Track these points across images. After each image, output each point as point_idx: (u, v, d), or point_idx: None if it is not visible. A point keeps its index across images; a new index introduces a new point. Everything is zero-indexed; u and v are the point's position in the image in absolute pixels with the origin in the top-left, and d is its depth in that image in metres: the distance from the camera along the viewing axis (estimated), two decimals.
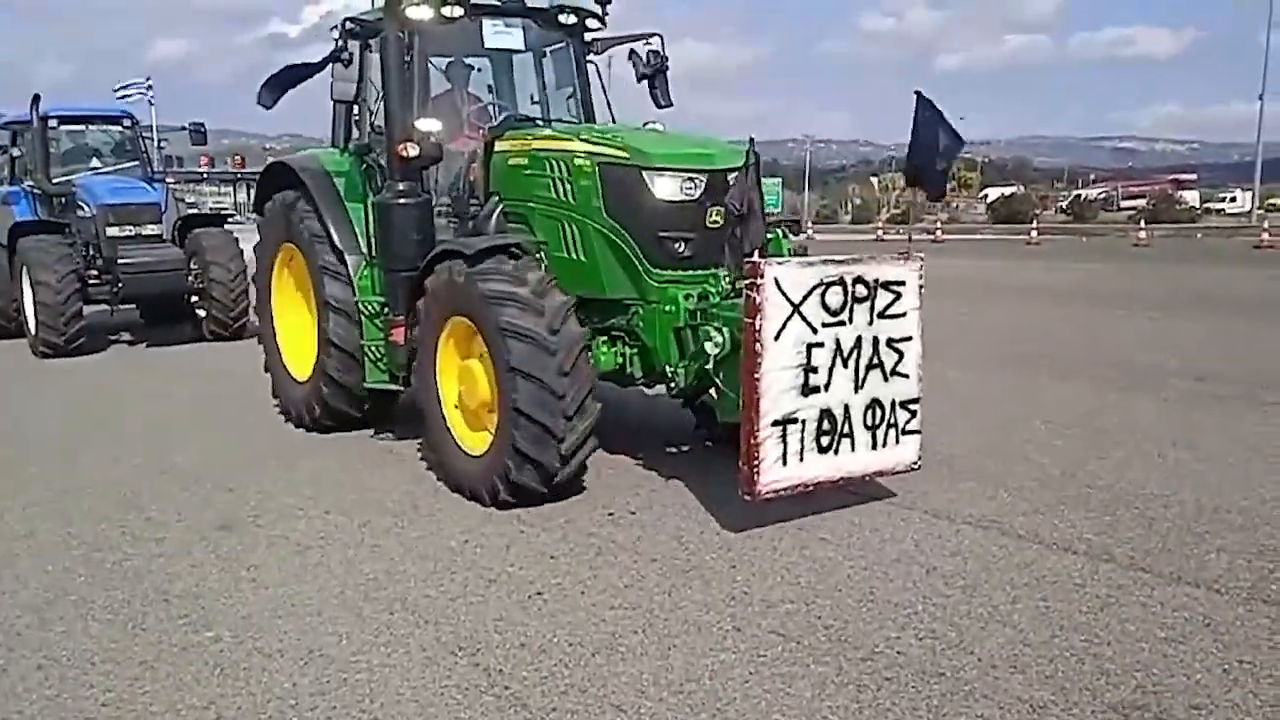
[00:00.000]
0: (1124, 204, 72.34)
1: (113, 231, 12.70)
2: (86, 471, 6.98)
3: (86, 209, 12.92)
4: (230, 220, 14.71)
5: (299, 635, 4.28)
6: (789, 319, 4.98)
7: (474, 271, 5.79)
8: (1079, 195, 75.82)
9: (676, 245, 5.93)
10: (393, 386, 7.20)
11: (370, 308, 7.19)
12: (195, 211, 15.63)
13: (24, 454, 7.54)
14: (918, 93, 5.56)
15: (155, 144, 17.99)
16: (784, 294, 4.96)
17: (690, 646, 4.09)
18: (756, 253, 5.33)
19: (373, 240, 7.11)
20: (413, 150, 6.40)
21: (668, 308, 5.92)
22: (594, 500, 6.00)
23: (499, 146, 6.73)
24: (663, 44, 7.50)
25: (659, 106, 7.55)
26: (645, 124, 6.88)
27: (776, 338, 4.95)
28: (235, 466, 7.01)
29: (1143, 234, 34.23)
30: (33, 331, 12.40)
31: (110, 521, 5.86)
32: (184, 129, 16.42)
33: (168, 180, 15.74)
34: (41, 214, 13.55)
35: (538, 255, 6.19)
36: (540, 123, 7.27)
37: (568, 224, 6.22)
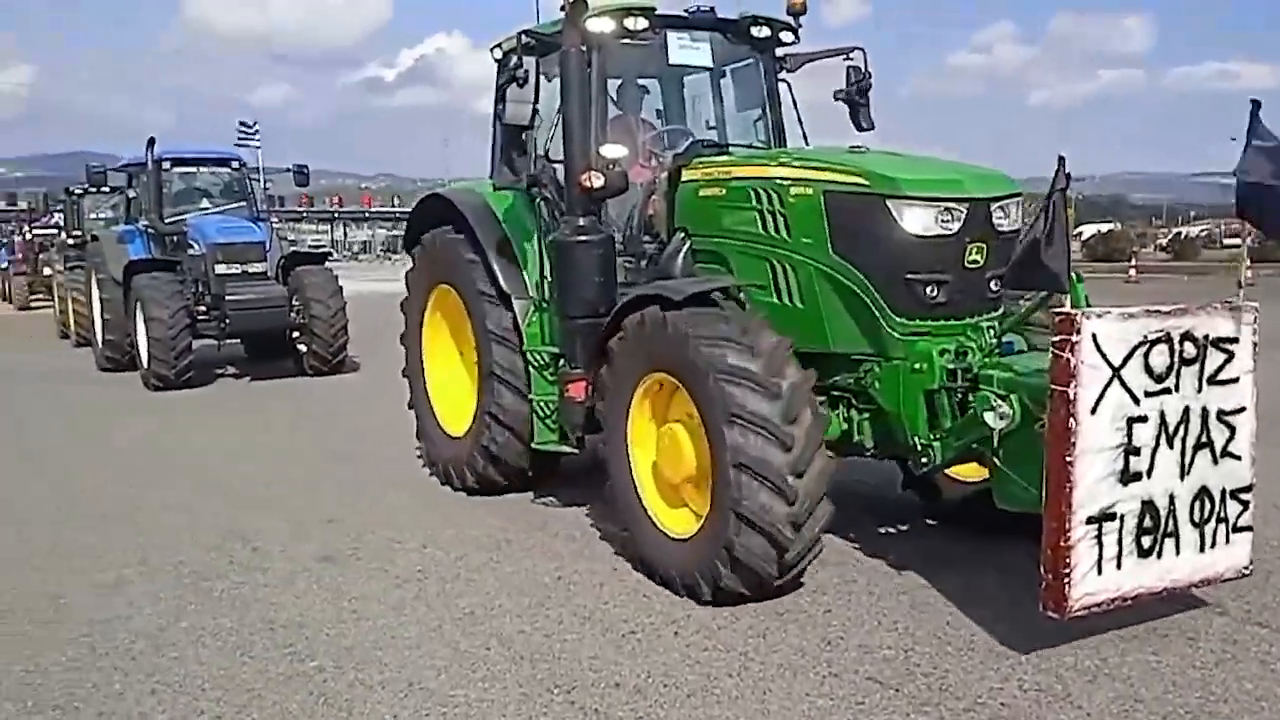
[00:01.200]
0: (1227, 241, 69.81)
1: (221, 269, 13.16)
2: (192, 501, 7.23)
3: (197, 247, 13.43)
4: (329, 258, 15.19)
5: (399, 667, 4.36)
6: (1107, 386, 4.03)
7: (682, 318, 4.99)
8: (1179, 232, 73.44)
9: (928, 290, 4.95)
10: (565, 449, 6.42)
11: (540, 359, 6.46)
12: (298, 250, 16.15)
13: (132, 482, 7.85)
14: (1254, 102, 4.44)
15: (261, 185, 18.68)
16: (1102, 354, 4.00)
17: (786, 691, 4.05)
18: (1067, 300, 4.35)
19: (546, 283, 6.41)
20: (597, 180, 5.73)
21: (917, 365, 4.95)
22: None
23: (686, 176, 5.99)
24: (865, 60, 6.66)
25: (859, 130, 6.75)
26: (851, 148, 5.76)
27: (1093, 410, 4.00)
28: (332, 499, 7.19)
29: (1248, 272, 32.98)
30: (145, 365, 12.89)
31: (218, 550, 6.06)
32: (288, 170, 17.08)
33: (272, 219, 16.34)
34: (155, 252, 14.13)
35: (743, 299, 5.43)
36: (731, 149, 6.60)
37: (779, 264, 5.38)
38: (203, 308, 13.29)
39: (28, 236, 30.08)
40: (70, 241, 20.71)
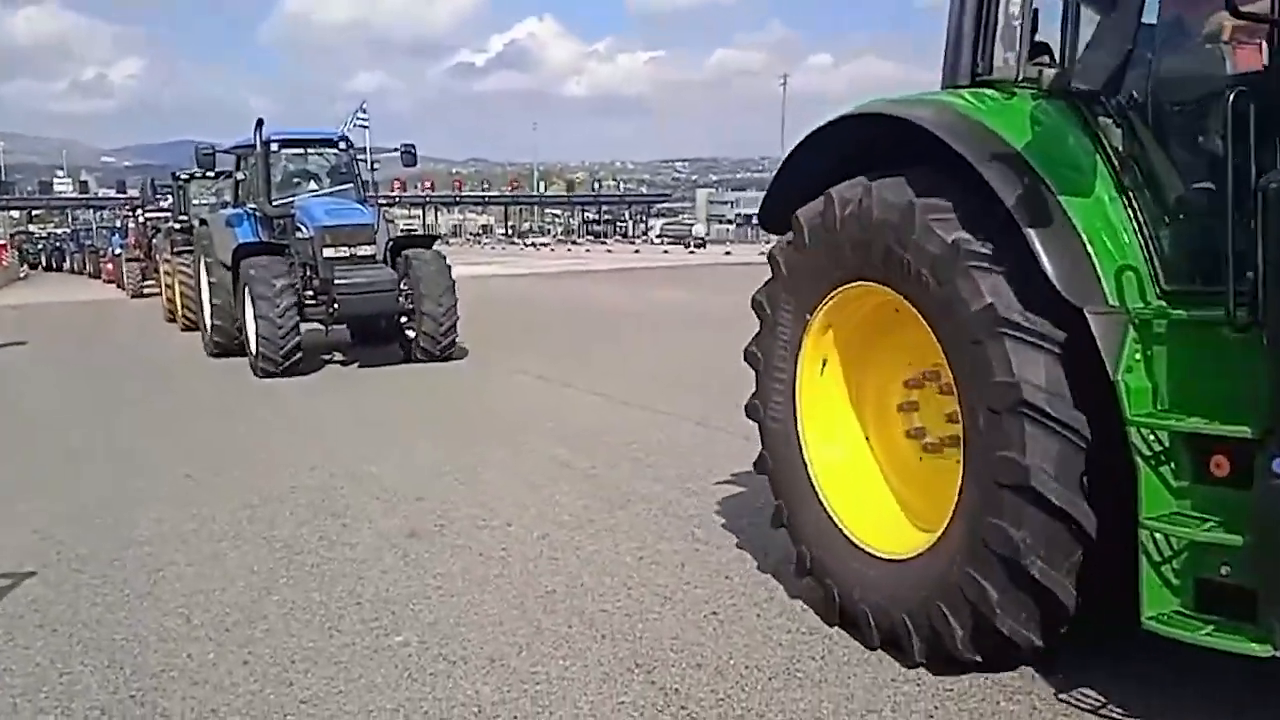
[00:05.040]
0: None
1: (329, 252, 12.83)
2: (287, 479, 7.38)
3: (305, 230, 13.20)
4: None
5: (481, 644, 4.38)
6: None
7: None
8: None
9: None
10: (1228, 641, 3.07)
11: (1156, 443, 3.26)
12: (406, 233, 15.80)
13: (228, 462, 8.05)
14: None
15: (369, 167, 18.54)
16: None
17: (872, 677, 3.94)
18: None
19: (1159, 281, 3.47)
20: None
21: None
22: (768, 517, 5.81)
23: None
24: None
25: None
26: None
27: None
28: (421, 478, 7.27)
29: None
30: (253, 351, 12.78)
31: (309, 526, 6.19)
32: (395, 151, 16.64)
33: (379, 202, 16.23)
34: (263, 235, 14.02)
35: None
36: None
37: None
38: (310, 292, 13.08)
39: (141, 220, 30.55)
40: (176, 226, 21.03)
